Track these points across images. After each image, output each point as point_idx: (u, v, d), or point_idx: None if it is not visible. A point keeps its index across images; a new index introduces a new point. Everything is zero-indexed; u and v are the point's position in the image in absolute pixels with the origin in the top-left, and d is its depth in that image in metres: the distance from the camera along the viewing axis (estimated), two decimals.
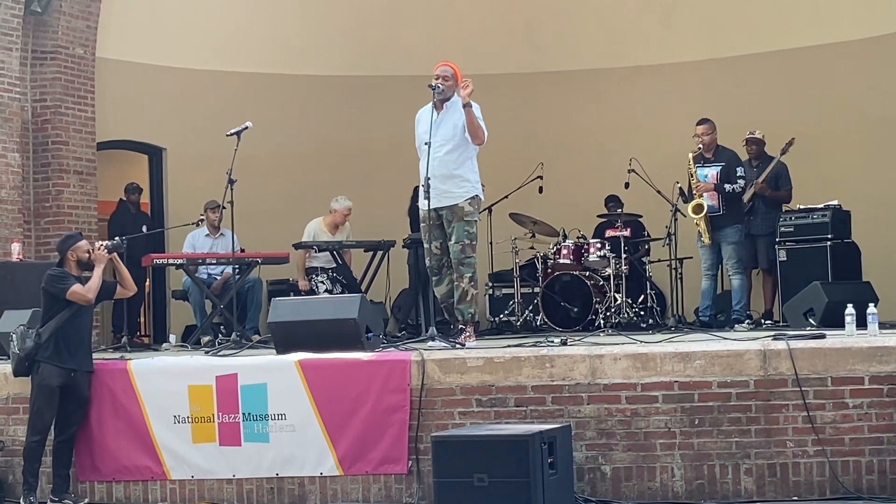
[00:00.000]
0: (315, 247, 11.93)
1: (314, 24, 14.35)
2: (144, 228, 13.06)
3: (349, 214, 12.23)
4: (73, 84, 12.17)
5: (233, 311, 10.68)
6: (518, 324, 12.10)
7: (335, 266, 11.98)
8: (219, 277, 11.79)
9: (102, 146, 12.86)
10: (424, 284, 10.50)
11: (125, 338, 10.75)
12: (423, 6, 14.47)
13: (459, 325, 9.07)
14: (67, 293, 8.35)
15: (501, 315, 12.56)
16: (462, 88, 8.81)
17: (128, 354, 9.59)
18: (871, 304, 8.36)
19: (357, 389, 8.13)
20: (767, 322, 11.10)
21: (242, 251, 11.79)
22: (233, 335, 10.06)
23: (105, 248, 8.58)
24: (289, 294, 11.79)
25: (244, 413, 8.30)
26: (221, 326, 11.57)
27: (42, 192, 12.01)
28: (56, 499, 8.40)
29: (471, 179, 8.99)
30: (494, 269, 13.26)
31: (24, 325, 8.48)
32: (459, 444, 7.36)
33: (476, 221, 9.09)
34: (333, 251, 11.90)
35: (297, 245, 12.01)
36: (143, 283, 13.14)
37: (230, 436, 8.34)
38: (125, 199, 13.83)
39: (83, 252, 8.56)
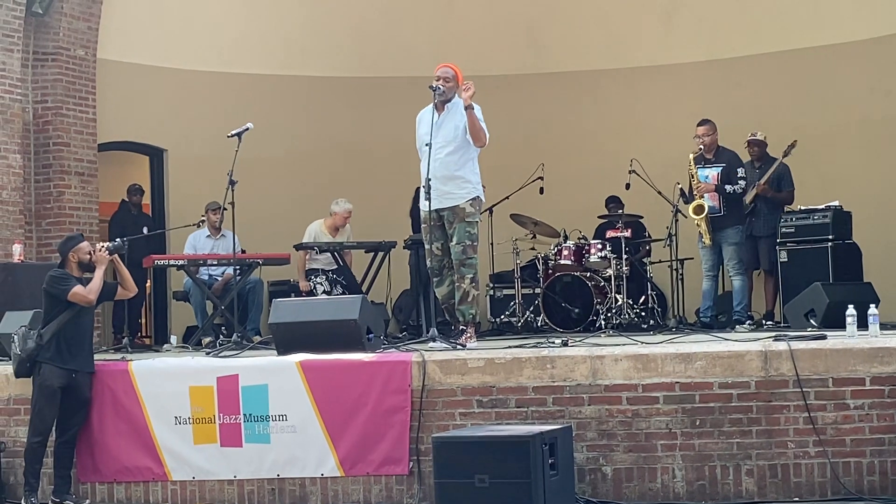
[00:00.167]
0: (316, 248, 11.92)
1: (315, 26, 14.35)
2: (145, 230, 13.06)
3: (349, 217, 12.21)
4: (75, 85, 12.16)
5: (234, 312, 10.68)
6: (519, 325, 12.10)
7: (336, 268, 11.97)
8: (220, 278, 11.78)
9: (103, 147, 12.85)
10: (425, 285, 10.50)
11: (126, 339, 10.74)
12: (424, 7, 14.48)
13: (460, 326, 9.06)
14: (69, 294, 8.35)
15: (502, 316, 12.55)
16: (463, 90, 8.80)
17: (129, 355, 9.58)
18: (872, 305, 8.35)
19: (358, 390, 8.14)
20: (768, 323, 11.10)
21: (243, 252, 11.80)
22: (234, 336, 10.07)
23: (106, 250, 8.59)
24: (290, 295, 11.77)
25: (245, 414, 8.30)
26: (222, 327, 11.56)
27: (43, 194, 12.00)
28: (57, 500, 8.40)
29: (472, 181, 8.99)
30: (495, 270, 13.26)
31: (26, 327, 8.49)
32: (460, 445, 7.36)
33: (477, 222, 9.09)
34: (334, 252, 11.89)
35: (298, 246, 12.00)
36: (144, 285, 13.13)
37: (231, 437, 8.34)
38: (127, 200, 13.87)
39: (84, 253, 8.56)
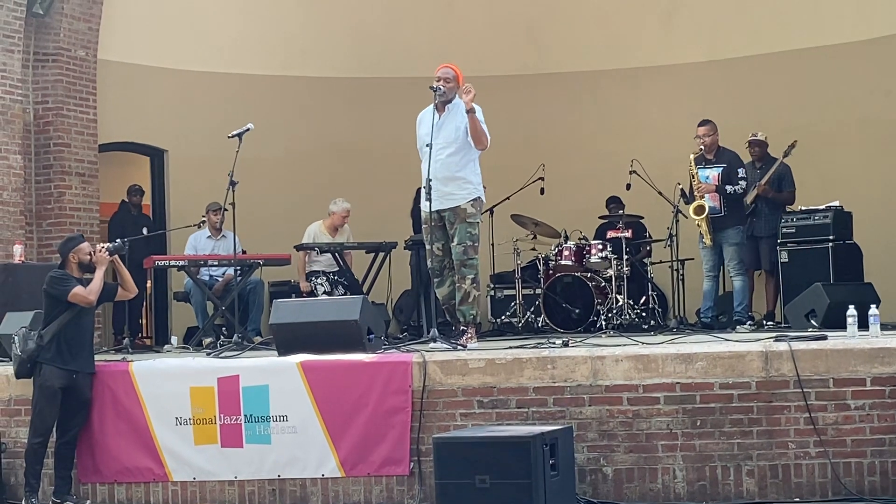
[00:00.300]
0: (316, 248, 11.92)
1: (315, 26, 14.36)
2: (145, 230, 13.05)
3: (347, 216, 12.21)
4: (75, 86, 12.15)
5: (234, 313, 10.68)
6: (519, 325, 12.09)
7: (337, 269, 11.96)
8: (220, 279, 11.77)
9: (104, 148, 12.84)
10: (426, 286, 10.49)
11: (127, 339, 10.74)
12: (424, 8, 14.47)
13: (461, 327, 9.07)
14: (69, 295, 8.36)
15: (503, 316, 12.54)
16: (464, 93, 8.79)
17: (129, 356, 9.58)
18: (873, 306, 8.36)
19: (359, 391, 8.14)
20: (769, 323, 11.10)
21: (244, 253, 11.79)
22: (234, 337, 10.07)
23: (106, 250, 8.59)
24: (290, 296, 11.78)
25: (246, 415, 8.30)
26: (223, 328, 11.56)
27: (44, 194, 11.99)
28: (58, 500, 8.40)
29: (473, 181, 8.99)
30: (496, 271, 13.26)
31: (26, 327, 8.49)
32: (461, 446, 7.36)
33: (478, 223, 9.08)
34: (335, 253, 11.88)
35: (299, 247, 11.99)
36: (144, 285, 13.13)
37: (232, 437, 8.34)
38: (127, 201, 13.87)
39: (85, 254, 8.57)
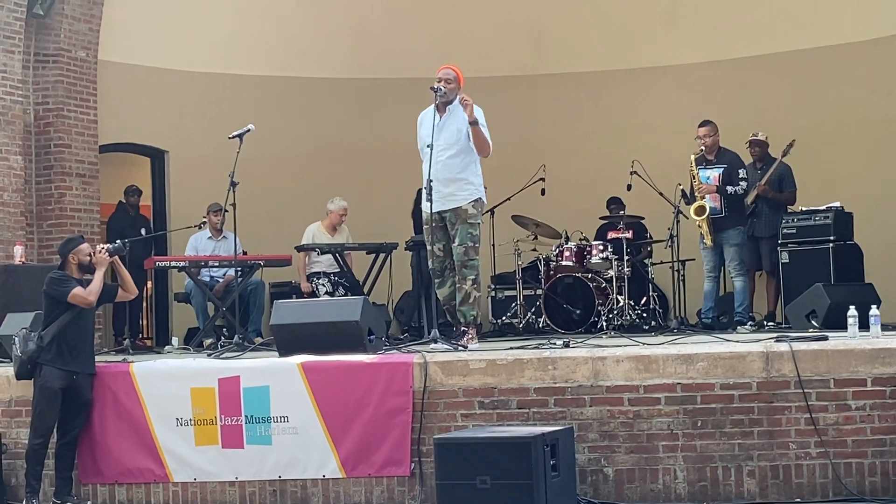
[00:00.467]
0: (317, 249, 11.92)
1: (316, 27, 14.35)
2: (143, 231, 13.05)
3: (345, 214, 12.22)
4: (76, 87, 12.15)
5: (235, 314, 10.68)
6: (520, 326, 12.09)
7: (338, 271, 11.95)
8: (221, 280, 11.77)
9: (105, 149, 12.83)
10: (427, 287, 10.49)
11: (127, 340, 10.74)
12: (425, 8, 14.47)
13: (462, 328, 9.06)
14: (69, 296, 8.35)
15: (504, 317, 12.54)
16: (463, 105, 8.79)
17: (130, 357, 9.58)
18: (874, 306, 8.36)
19: (359, 392, 8.14)
20: (770, 324, 11.10)
21: (245, 254, 11.79)
22: (235, 338, 10.07)
23: (106, 251, 8.59)
24: (291, 296, 11.78)
25: (247, 415, 8.30)
26: (224, 329, 11.56)
27: (44, 195, 11.99)
28: (58, 501, 8.40)
29: (474, 182, 8.99)
30: (497, 272, 13.24)
31: (27, 328, 8.48)
32: (462, 447, 7.35)
33: (479, 224, 9.08)
34: (336, 254, 11.88)
35: (299, 247, 11.99)
36: (143, 286, 13.13)
37: (233, 438, 8.34)
38: (124, 202, 13.86)
39: (84, 255, 8.56)
